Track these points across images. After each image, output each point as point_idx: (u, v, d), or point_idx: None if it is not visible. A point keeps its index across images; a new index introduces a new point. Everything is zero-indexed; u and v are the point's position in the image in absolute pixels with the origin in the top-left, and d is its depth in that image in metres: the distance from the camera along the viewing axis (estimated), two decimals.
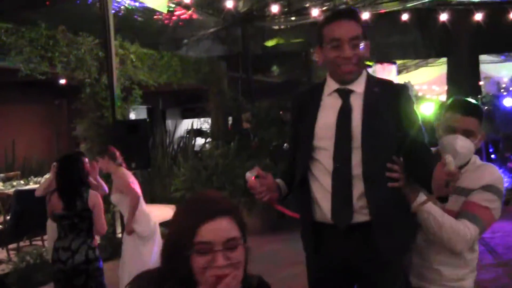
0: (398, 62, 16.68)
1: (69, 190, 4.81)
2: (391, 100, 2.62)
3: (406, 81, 16.43)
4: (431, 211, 2.61)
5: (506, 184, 9.24)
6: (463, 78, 12.62)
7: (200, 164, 9.89)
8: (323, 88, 2.78)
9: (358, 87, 2.69)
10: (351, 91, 2.69)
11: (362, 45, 2.62)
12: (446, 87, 14.14)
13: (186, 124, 13.95)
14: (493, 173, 2.72)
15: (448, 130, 2.71)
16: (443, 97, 17.21)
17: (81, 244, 4.73)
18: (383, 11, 10.51)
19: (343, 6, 10.11)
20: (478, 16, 10.39)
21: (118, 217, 8.28)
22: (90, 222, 4.82)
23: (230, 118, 12.24)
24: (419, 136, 2.60)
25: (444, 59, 14.48)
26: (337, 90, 2.72)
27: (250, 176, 2.76)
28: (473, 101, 2.83)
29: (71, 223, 4.75)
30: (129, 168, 8.45)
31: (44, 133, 14.12)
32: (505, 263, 7.28)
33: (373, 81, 2.73)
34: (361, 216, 2.59)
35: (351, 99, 2.67)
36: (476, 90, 12.27)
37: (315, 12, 9.87)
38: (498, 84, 13.74)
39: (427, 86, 18.39)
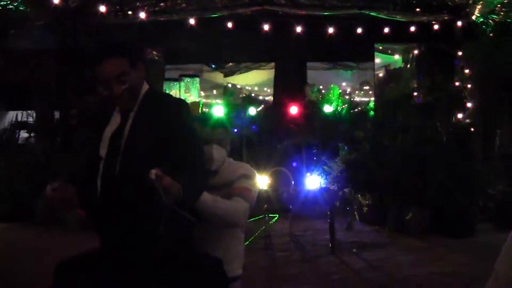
0: (229, 64, 17.11)
1: None
2: (161, 115, 2.88)
3: (233, 83, 16.95)
4: (204, 199, 3.05)
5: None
6: (289, 83, 13.17)
7: (22, 158, 9.71)
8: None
9: (135, 105, 2.96)
10: (129, 110, 2.95)
11: (129, 78, 2.88)
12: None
13: (11, 116, 13.44)
14: (245, 166, 3.54)
15: (204, 141, 3.25)
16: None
17: None
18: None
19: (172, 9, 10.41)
20: (299, 28, 11.04)
21: None
22: None
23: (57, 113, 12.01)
24: (184, 147, 2.87)
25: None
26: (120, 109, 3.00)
27: (49, 188, 2.89)
28: (218, 114, 3.38)
29: None
30: None
31: None
32: (311, 260, 7.84)
33: (150, 97, 3.00)
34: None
35: (128, 117, 2.94)
36: (301, 95, 12.82)
37: (142, 14, 10.05)
38: (318, 90, 14.41)
39: (258, 87, 18.82)
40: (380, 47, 13.46)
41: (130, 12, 10.54)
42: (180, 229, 2.97)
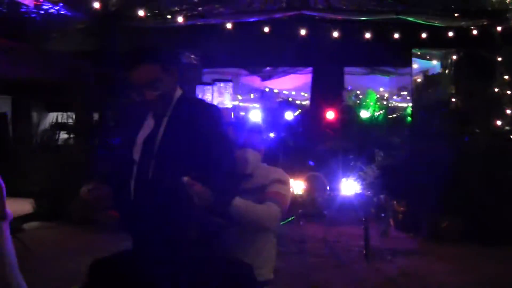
0: (267, 68, 17.14)
1: None
2: (194, 120, 2.91)
3: (270, 87, 16.97)
4: (235, 203, 3.06)
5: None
6: (326, 87, 13.17)
7: (61, 159, 9.87)
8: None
9: (169, 109, 2.99)
10: (163, 114, 2.98)
11: (162, 84, 2.91)
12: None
13: (51, 117, 13.70)
14: (278, 171, 3.56)
15: (238, 145, 3.38)
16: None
17: None
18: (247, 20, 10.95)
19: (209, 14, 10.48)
20: (336, 33, 11.00)
21: None
22: None
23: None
24: (216, 156, 2.88)
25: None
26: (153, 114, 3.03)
27: (84, 188, 2.96)
28: (253, 118, 3.41)
29: None
30: None
31: None
32: (344, 266, 7.82)
33: (183, 102, 3.03)
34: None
35: (162, 121, 2.97)
36: (338, 100, 12.81)
37: (179, 18, 10.14)
38: (356, 95, 14.38)
39: (295, 92, 18.85)
40: (418, 52, 13.33)
41: (168, 16, 10.61)
42: (211, 232, 3.00)
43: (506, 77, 11.43)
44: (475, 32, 11.01)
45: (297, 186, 8.85)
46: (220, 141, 2.94)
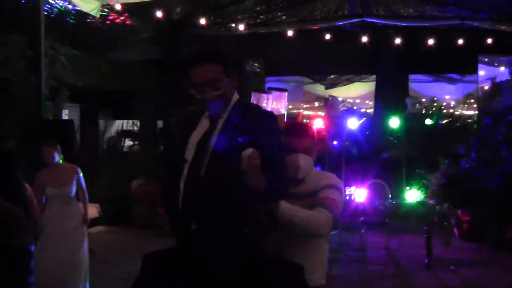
0: (331, 76, 17.15)
1: None
2: (250, 126, 2.93)
3: (333, 95, 16.93)
4: (282, 206, 3.02)
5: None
6: (390, 95, 13.06)
7: (126, 165, 10.09)
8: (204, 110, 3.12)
9: (226, 112, 3.02)
10: (219, 116, 3.02)
11: (222, 84, 2.95)
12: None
13: (117, 125, 14.02)
14: (330, 176, 3.41)
15: (289, 149, 3.25)
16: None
17: None
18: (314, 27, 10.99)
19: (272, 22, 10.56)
20: (398, 40, 10.92)
21: None
22: None
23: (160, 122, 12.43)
24: (269, 156, 2.85)
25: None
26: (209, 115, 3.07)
27: (135, 183, 3.04)
28: (304, 123, 3.33)
29: None
30: None
31: None
32: (406, 275, 7.72)
33: (240, 107, 3.06)
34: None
35: (218, 123, 3.00)
36: (402, 108, 12.68)
37: (241, 26, 10.25)
38: (421, 103, 14.21)
39: (360, 100, 18.77)
40: (486, 59, 13.08)
41: (231, 25, 10.75)
42: (260, 234, 3.02)
43: None
44: None
45: (360, 194, 8.79)
46: (274, 145, 2.96)
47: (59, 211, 6.06)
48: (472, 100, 15.62)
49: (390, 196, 9.33)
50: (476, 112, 13.37)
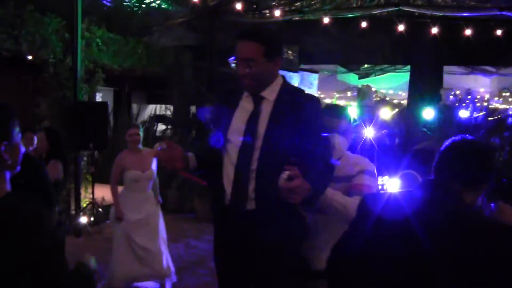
0: (364, 66, 17.02)
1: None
2: (298, 109, 2.97)
3: (366, 85, 16.79)
4: (330, 193, 3.08)
5: None
6: (424, 86, 12.93)
7: None
8: (244, 90, 3.13)
9: (270, 94, 3.04)
10: (262, 98, 3.04)
11: (257, 65, 2.96)
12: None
13: (150, 109, 14.09)
14: (364, 161, 3.41)
15: (328, 130, 3.21)
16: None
17: None
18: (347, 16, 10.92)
19: (307, 9, 10.52)
20: (435, 30, 10.79)
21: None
22: None
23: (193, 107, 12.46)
24: (314, 145, 2.92)
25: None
26: (251, 95, 3.08)
27: (157, 146, 3.08)
28: (341, 105, 3.33)
29: None
30: (87, 148, 8.78)
31: None
32: None
33: (286, 90, 3.08)
34: (253, 205, 2.97)
35: (262, 105, 3.03)
36: (436, 99, 12.55)
37: (277, 13, 10.22)
38: (455, 95, 14.02)
39: (393, 91, 18.63)
40: None
41: (266, 11, 10.72)
42: (299, 216, 3.06)
43: None
44: None
45: (392, 184, 8.74)
46: (320, 130, 3.00)
47: (140, 195, 6.10)
48: (508, 94, 15.43)
49: None
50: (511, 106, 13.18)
